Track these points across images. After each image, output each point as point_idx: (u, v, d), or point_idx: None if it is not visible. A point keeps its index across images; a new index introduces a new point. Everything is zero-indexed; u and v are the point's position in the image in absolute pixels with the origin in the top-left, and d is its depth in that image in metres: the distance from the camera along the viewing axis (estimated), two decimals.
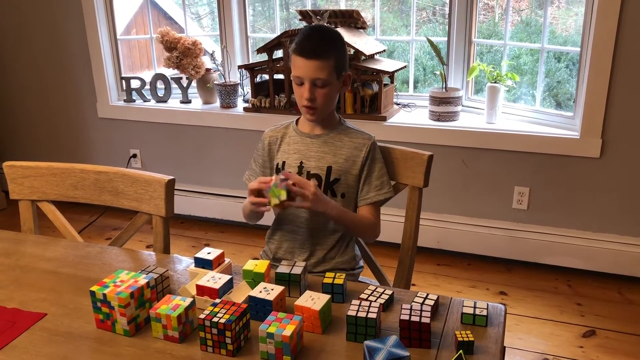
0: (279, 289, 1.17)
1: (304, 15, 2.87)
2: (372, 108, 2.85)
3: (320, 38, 1.56)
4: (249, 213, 1.63)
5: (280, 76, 2.99)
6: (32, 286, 1.32)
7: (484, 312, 1.13)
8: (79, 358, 1.07)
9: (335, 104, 1.63)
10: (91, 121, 3.54)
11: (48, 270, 1.40)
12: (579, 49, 2.55)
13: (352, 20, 2.84)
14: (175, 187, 1.58)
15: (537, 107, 2.80)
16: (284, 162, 1.64)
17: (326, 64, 1.52)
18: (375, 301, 1.17)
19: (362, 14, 2.85)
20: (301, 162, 1.62)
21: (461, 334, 1.05)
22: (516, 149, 2.69)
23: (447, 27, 2.91)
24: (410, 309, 1.09)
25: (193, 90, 3.33)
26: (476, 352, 1.05)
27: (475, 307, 1.14)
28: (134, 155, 3.49)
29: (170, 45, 3.12)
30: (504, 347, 1.10)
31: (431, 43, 2.77)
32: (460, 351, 1.01)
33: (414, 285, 2.69)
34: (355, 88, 2.80)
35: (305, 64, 1.52)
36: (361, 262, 1.73)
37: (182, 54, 3.10)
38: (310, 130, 1.65)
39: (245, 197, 1.56)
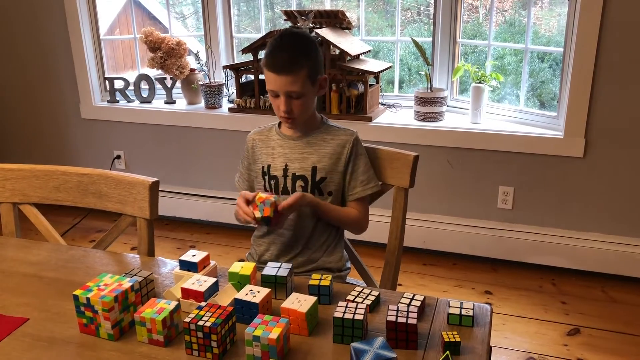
0: (265, 291, 1.16)
1: (289, 15, 2.87)
2: (358, 108, 2.85)
3: (289, 51, 1.51)
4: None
5: None
6: (13, 290, 1.30)
7: (470, 313, 1.13)
8: None
9: (314, 107, 1.63)
10: (74, 122, 3.50)
11: (30, 274, 1.38)
12: (562, 50, 2.57)
13: (337, 20, 2.84)
14: (160, 188, 1.57)
15: (521, 107, 2.82)
16: (269, 166, 1.64)
17: (298, 76, 1.50)
18: (361, 302, 1.17)
19: (347, 14, 2.85)
20: (286, 165, 1.62)
21: (448, 334, 1.06)
22: (501, 148, 2.70)
23: (431, 27, 2.92)
24: (397, 310, 1.09)
25: (177, 90, 3.30)
26: (463, 353, 1.05)
27: (461, 308, 1.15)
28: (118, 157, 3.46)
29: (154, 45, 3.10)
30: (490, 347, 1.11)
31: (416, 43, 2.77)
32: (447, 352, 1.01)
33: (400, 285, 2.69)
34: (340, 89, 2.79)
35: (277, 79, 1.51)
36: (348, 264, 1.73)
37: (166, 54, 3.08)
38: (292, 133, 1.65)
39: (232, 199, 1.55)
